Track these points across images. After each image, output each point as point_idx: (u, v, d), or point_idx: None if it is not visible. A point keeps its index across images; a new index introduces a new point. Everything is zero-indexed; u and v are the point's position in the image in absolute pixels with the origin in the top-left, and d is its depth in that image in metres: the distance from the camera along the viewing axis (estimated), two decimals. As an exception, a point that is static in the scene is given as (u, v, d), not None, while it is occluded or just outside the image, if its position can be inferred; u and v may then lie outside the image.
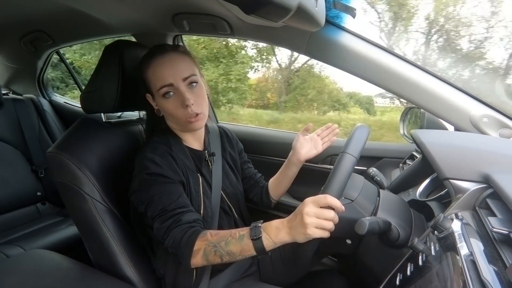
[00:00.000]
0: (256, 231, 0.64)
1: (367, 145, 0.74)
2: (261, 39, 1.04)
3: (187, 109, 0.76)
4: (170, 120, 0.84)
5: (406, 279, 0.55)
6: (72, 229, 1.45)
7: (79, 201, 0.79)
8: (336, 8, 0.85)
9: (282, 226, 0.64)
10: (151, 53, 0.80)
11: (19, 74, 1.85)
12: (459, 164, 0.66)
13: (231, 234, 0.67)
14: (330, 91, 6.16)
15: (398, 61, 0.89)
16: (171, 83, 0.76)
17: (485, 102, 0.86)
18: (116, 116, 1.44)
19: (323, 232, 0.60)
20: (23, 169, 1.60)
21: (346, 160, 0.67)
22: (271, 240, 0.63)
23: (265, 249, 0.64)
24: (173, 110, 0.77)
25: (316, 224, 0.59)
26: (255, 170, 1.06)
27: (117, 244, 0.80)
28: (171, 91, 0.76)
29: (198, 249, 0.67)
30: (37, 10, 1.23)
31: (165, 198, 0.71)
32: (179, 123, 0.81)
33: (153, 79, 0.77)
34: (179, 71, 0.77)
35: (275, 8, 0.46)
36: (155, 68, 0.77)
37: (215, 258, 0.67)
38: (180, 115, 0.77)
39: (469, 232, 0.51)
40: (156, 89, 0.77)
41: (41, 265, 0.81)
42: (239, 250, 0.65)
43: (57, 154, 0.79)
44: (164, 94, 0.76)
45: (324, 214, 0.60)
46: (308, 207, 0.60)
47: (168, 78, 0.76)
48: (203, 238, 0.68)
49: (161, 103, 0.78)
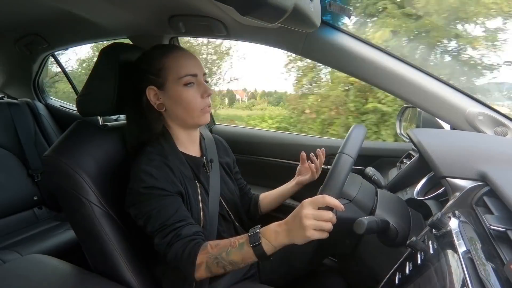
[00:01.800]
0: (255, 238, 0.64)
1: (364, 145, 0.75)
2: (257, 41, 1.04)
3: (206, 99, 0.80)
4: (178, 114, 0.80)
5: (405, 278, 0.55)
6: (70, 233, 1.44)
7: (77, 205, 0.78)
8: (332, 9, 0.85)
9: (280, 229, 0.63)
10: (166, 46, 0.83)
11: (14, 77, 1.84)
12: (456, 163, 0.67)
13: (230, 244, 0.67)
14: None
15: (393, 60, 0.89)
16: (195, 73, 0.79)
17: (480, 100, 0.87)
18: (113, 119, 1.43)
19: (322, 233, 0.60)
20: (19, 173, 1.58)
21: (343, 160, 0.67)
22: (270, 244, 0.63)
23: (266, 254, 0.64)
24: (192, 99, 0.78)
25: (315, 226, 0.59)
26: (245, 182, 1.07)
27: (115, 248, 0.80)
28: (193, 81, 0.79)
29: (201, 263, 0.67)
30: (32, 13, 1.23)
31: (163, 212, 0.71)
32: (192, 116, 0.80)
33: (175, 67, 0.78)
34: (200, 65, 0.82)
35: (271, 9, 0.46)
36: (178, 57, 0.79)
37: (218, 269, 0.67)
38: (198, 104, 0.79)
39: (466, 230, 0.51)
40: (178, 77, 0.77)
41: (38, 270, 0.80)
42: (240, 258, 0.66)
43: (54, 158, 0.79)
44: (186, 83, 0.78)
45: (323, 215, 0.59)
46: (306, 209, 0.60)
47: (193, 68, 0.79)
48: (204, 252, 0.68)
49: (179, 91, 0.78)
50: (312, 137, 1.47)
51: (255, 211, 1.03)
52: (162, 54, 0.79)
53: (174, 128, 0.84)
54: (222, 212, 0.88)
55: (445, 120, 0.89)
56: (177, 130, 0.84)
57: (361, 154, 0.72)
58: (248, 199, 1.05)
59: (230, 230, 0.89)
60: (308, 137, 1.46)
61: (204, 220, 0.80)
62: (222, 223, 0.87)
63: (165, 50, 0.80)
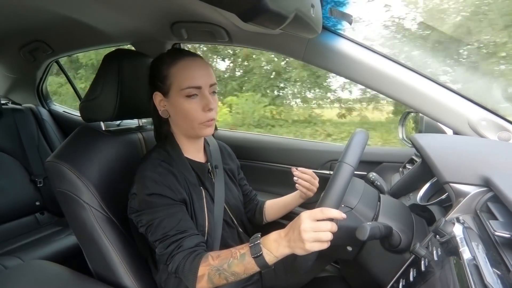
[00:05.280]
0: (256, 249, 0.64)
1: (366, 150, 0.74)
2: (259, 46, 1.05)
3: (208, 112, 0.76)
4: (180, 124, 0.81)
5: (409, 285, 0.54)
6: (71, 238, 1.44)
7: (78, 210, 0.78)
8: (333, 15, 0.86)
9: (280, 240, 0.63)
10: (178, 52, 0.79)
11: (18, 84, 1.86)
12: (459, 168, 0.66)
13: (232, 255, 0.67)
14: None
15: (395, 66, 0.90)
16: (199, 86, 0.75)
17: (483, 105, 0.87)
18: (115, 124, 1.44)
19: (322, 244, 0.59)
20: (21, 178, 1.59)
21: (344, 170, 0.66)
22: (272, 255, 0.63)
23: (268, 264, 0.64)
24: (193, 111, 0.76)
25: (314, 238, 0.59)
26: (250, 188, 1.06)
27: (116, 254, 0.79)
28: (197, 93, 0.76)
29: (202, 275, 0.67)
30: (36, 20, 1.25)
31: (166, 222, 0.70)
32: (192, 127, 0.78)
33: (179, 77, 0.75)
34: (208, 76, 0.77)
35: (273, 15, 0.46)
36: (184, 66, 0.76)
37: (220, 280, 0.67)
38: (198, 117, 0.76)
39: (471, 236, 0.50)
40: (180, 88, 0.75)
41: (40, 276, 0.80)
42: (242, 269, 0.65)
43: (56, 163, 0.79)
44: (188, 95, 0.75)
45: (321, 227, 0.59)
46: (304, 223, 0.59)
47: (198, 80, 0.75)
48: (205, 264, 0.68)
49: (181, 102, 0.76)
50: (315, 142, 1.46)
51: (260, 218, 1.03)
52: (170, 61, 0.77)
53: (178, 134, 0.83)
54: (226, 218, 0.87)
55: (447, 125, 0.89)
56: (181, 137, 0.83)
57: (363, 160, 0.72)
58: (254, 205, 1.04)
59: (233, 236, 0.89)
60: (311, 143, 1.46)
61: (209, 226, 0.80)
62: (226, 229, 0.86)
63: (175, 57, 0.77)
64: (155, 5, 0.87)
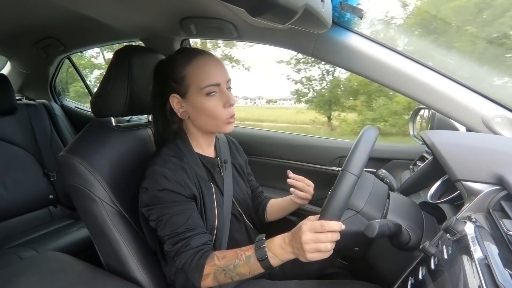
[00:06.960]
0: (262, 252, 0.66)
1: (376, 147, 0.72)
2: (268, 42, 1.04)
3: (229, 108, 0.77)
4: (201, 123, 0.80)
5: (418, 283, 0.54)
6: (83, 231, 1.48)
7: (90, 204, 0.80)
8: (343, 9, 0.84)
9: (285, 245, 0.65)
10: (190, 51, 0.79)
11: (31, 80, 1.90)
12: (472, 166, 0.65)
13: (237, 256, 0.68)
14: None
15: (406, 60, 0.88)
16: (218, 83, 0.76)
17: (497, 101, 0.84)
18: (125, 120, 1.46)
19: (324, 254, 0.61)
20: (35, 172, 1.63)
21: (346, 179, 0.63)
22: (277, 258, 0.65)
23: (273, 266, 0.66)
24: (214, 109, 0.76)
25: (315, 249, 0.60)
26: (257, 184, 1.07)
27: (127, 247, 0.81)
28: (216, 90, 0.76)
29: (208, 274, 0.69)
30: (48, 17, 1.27)
31: (175, 219, 0.72)
32: (216, 125, 0.78)
33: (197, 77, 0.75)
34: (224, 73, 0.78)
35: (282, 10, 0.46)
36: (200, 65, 0.76)
37: (225, 279, 0.70)
38: (221, 114, 0.77)
39: (483, 235, 0.49)
40: (199, 87, 0.75)
41: (53, 267, 0.83)
42: (248, 271, 0.67)
43: (68, 158, 0.81)
44: (208, 93, 0.76)
45: (321, 239, 0.60)
46: (305, 235, 0.60)
47: (216, 77, 0.76)
48: (211, 263, 0.69)
49: (202, 102, 0.76)
50: (323, 138, 1.45)
51: (263, 216, 1.03)
52: (185, 62, 0.77)
53: (194, 132, 0.83)
54: (234, 212, 0.88)
55: (460, 122, 0.87)
56: (197, 134, 0.84)
57: (373, 156, 0.71)
58: (258, 203, 1.04)
59: (241, 230, 0.90)
60: (319, 139, 1.45)
61: (218, 220, 0.81)
62: (234, 222, 0.87)
63: (189, 57, 0.77)
64: (166, 1, 0.88)
